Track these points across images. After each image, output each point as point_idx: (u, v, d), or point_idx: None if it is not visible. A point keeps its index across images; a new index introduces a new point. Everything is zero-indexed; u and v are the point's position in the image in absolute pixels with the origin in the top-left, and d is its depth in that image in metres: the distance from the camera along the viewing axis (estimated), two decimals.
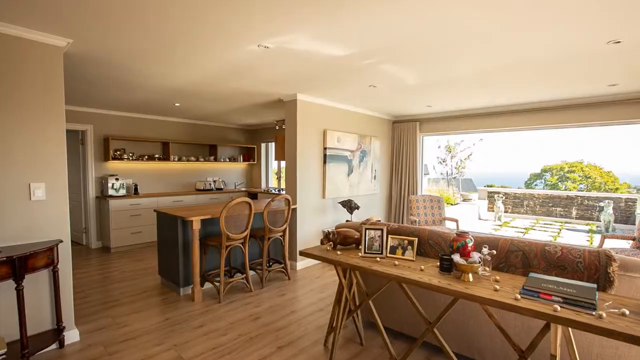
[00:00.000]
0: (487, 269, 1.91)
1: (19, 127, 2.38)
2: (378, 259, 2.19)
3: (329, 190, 4.99)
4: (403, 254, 2.24)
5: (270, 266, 4.41)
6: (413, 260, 2.19)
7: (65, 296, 2.63)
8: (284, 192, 6.60)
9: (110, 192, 5.48)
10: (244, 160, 7.75)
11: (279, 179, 7.70)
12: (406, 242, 2.25)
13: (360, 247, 2.51)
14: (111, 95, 4.48)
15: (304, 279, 4.19)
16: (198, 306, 3.36)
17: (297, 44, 2.63)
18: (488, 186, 13.92)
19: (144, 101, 4.91)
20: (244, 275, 3.73)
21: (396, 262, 2.11)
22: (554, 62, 3.01)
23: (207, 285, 3.87)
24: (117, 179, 5.55)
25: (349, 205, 4.92)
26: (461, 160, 12.07)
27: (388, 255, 2.28)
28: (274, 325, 2.98)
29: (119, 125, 5.92)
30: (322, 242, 2.48)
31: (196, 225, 3.41)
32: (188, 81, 3.74)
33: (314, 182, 4.80)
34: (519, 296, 1.55)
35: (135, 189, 5.83)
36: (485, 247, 1.91)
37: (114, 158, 5.79)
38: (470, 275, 1.81)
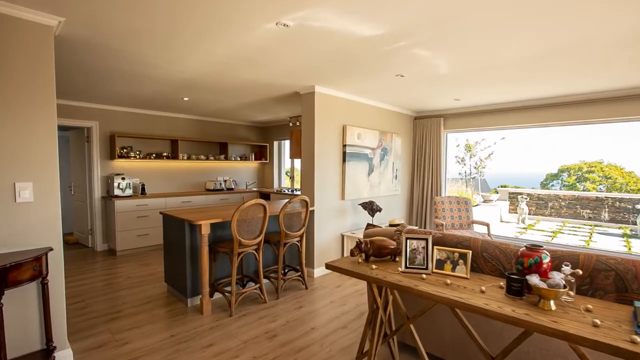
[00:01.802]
0: (571, 293, 1.50)
1: (2, 119, 2.06)
2: (424, 275, 1.80)
3: (349, 191, 4.60)
4: (453, 269, 1.85)
5: (285, 274, 4.04)
6: (467, 278, 1.79)
7: (57, 312, 2.31)
8: (298, 192, 6.24)
9: (116, 192, 5.20)
10: (255, 159, 7.41)
11: (292, 178, 7.34)
12: (456, 255, 1.85)
13: (397, 259, 2.12)
14: (115, 88, 4.17)
15: (323, 289, 3.81)
16: (207, 320, 3.01)
17: (321, 21, 2.25)
18: (502, 186, 13.33)
19: (151, 96, 4.60)
20: (258, 285, 3.37)
21: (448, 281, 1.71)
22: (614, 44, 2.56)
23: (217, 295, 3.53)
24: (123, 178, 5.26)
25: (371, 207, 4.52)
26: (481, 160, 11.53)
27: (434, 270, 1.88)
28: (292, 345, 2.61)
29: (125, 121, 5.64)
30: (352, 253, 2.09)
31: (205, 230, 3.07)
32: (196, 71, 3.40)
33: (333, 182, 4.42)
34: (637, 338, 1.14)
35: (143, 189, 5.54)
36: (566, 265, 1.50)
37: (121, 156, 5.50)
38: (551, 302, 1.41)
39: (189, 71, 3.42)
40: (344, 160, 4.53)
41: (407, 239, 1.94)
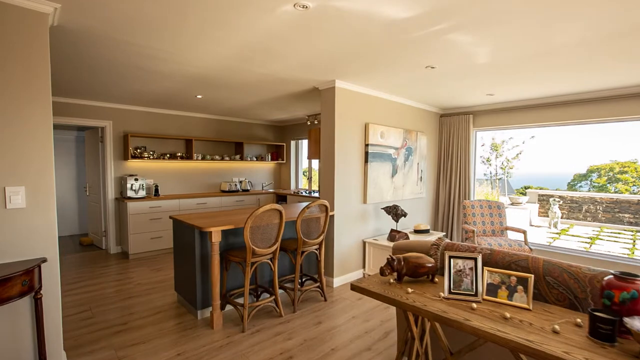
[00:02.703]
0: None
1: None
2: (474, 305, 1.46)
3: (371, 194, 4.27)
4: (510, 297, 1.50)
5: (302, 284, 3.75)
6: (529, 310, 1.44)
7: (52, 329, 2.09)
8: (316, 194, 5.95)
9: (129, 193, 5.05)
10: (272, 159, 7.16)
11: (309, 179, 7.06)
12: (514, 279, 1.51)
13: (435, 279, 1.79)
14: (125, 86, 3.99)
15: (343, 301, 3.50)
16: (217, 336, 2.75)
17: (346, 0, 1.94)
18: (525, 188, 12.61)
19: (163, 94, 4.40)
20: (273, 297, 3.09)
21: (507, 314, 1.37)
22: None
23: (229, 306, 3.28)
24: (136, 179, 5.10)
25: (395, 212, 4.17)
26: (507, 160, 10.91)
27: (485, 297, 1.54)
28: None
29: (139, 121, 5.49)
30: (382, 272, 1.77)
31: (216, 238, 2.81)
32: (208, 66, 3.15)
33: (354, 185, 4.09)
34: None
35: (156, 190, 5.38)
36: None
37: (134, 156, 5.36)
38: None
39: (201, 65, 3.18)
40: (366, 161, 4.20)
41: (450, 257, 1.61)
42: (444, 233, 4.78)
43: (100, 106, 5.11)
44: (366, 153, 4.19)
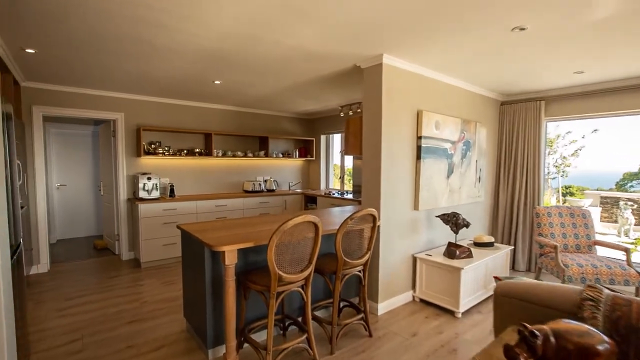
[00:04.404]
0: None
1: None
2: None
3: (424, 198, 3.45)
4: None
5: (340, 311, 3.01)
6: None
7: None
8: (349, 195, 5.18)
9: (141, 194, 4.49)
10: (300, 156, 6.45)
11: (341, 178, 6.28)
12: None
13: None
14: (132, 67, 3.38)
15: (393, 337, 2.72)
16: None
17: None
18: (566, 188, 11.16)
19: (176, 78, 3.77)
20: (305, 336, 2.35)
21: None
22: None
23: (249, 345, 2.58)
24: (149, 178, 4.54)
25: (455, 222, 3.33)
26: (562, 157, 9.65)
27: None
28: None
29: (152, 113, 4.93)
30: (510, 355, 0.98)
31: (231, 259, 2.11)
32: (223, 34, 2.45)
33: (403, 187, 3.29)
34: None
35: (171, 191, 4.80)
36: None
37: (147, 152, 4.80)
38: None
39: (215, 35, 2.49)
40: (418, 158, 3.38)
41: None
42: (512, 247, 3.87)
43: (110, 96, 4.57)
44: (418, 147, 3.37)
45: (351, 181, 5.87)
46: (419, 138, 3.37)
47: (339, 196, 5.19)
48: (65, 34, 2.51)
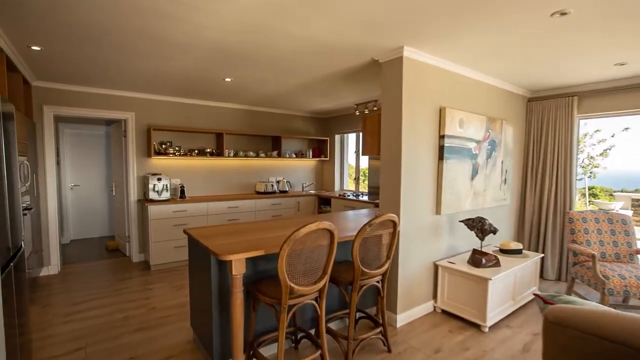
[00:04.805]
0: None
1: None
2: None
3: (447, 201, 3.21)
4: None
5: (357, 322, 2.81)
6: None
7: None
8: (364, 197, 4.97)
9: (152, 195, 4.39)
10: (313, 156, 6.27)
11: (356, 180, 6.07)
12: None
13: None
14: (139, 65, 3.26)
15: (415, 353, 2.49)
16: None
17: None
18: (590, 188, 10.55)
19: (186, 77, 3.64)
20: (319, 352, 2.16)
21: None
22: None
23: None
24: (159, 179, 4.43)
25: (480, 227, 3.08)
26: (590, 157, 9.13)
27: None
28: None
29: (163, 113, 4.83)
30: None
31: (238, 269, 1.94)
32: (232, 27, 2.29)
33: (424, 190, 3.06)
34: None
35: (182, 192, 4.69)
36: None
37: (158, 153, 4.71)
38: None
39: (223, 27, 2.33)
40: (440, 158, 3.14)
41: None
42: (542, 255, 3.58)
43: (120, 96, 4.50)
44: (441, 147, 3.14)
45: (366, 182, 5.66)
46: (442, 137, 3.13)
47: (354, 198, 4.98)
48: (71, 30, 2.40)
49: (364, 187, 6.16)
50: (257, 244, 2.11)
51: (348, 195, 5.22)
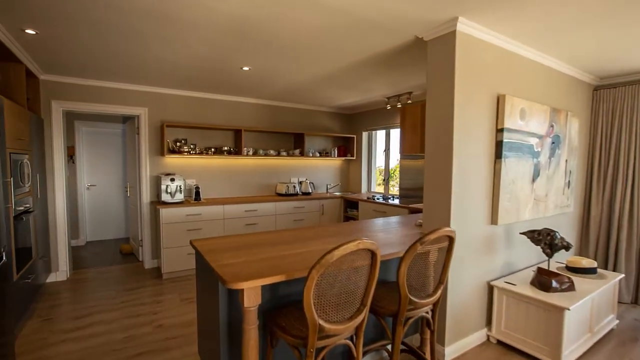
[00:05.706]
0: None
1: None
2: None
3: (504, 209, 2.64)
4: None
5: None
6: None
7: None
8: (395, 200, 4.44)
9: (164, 197, 4.04)
10: (339, 155, 5.78)
11: (385, 181, 5.53)
12: None
13: None
14: (145, 52, 2.89)
15: None
16: None
17: None
18: None
19: (200, 66, 3.25)
20: None
21: None
22: None
23: None
24: (172, 180, 4.08)
25: (550, 241, 2.50)
26: None
27: None
28: None
29: (177, 108, 4.49)
30: None
31: (252, 300, 1.49)
32: None
33: (478, 195, 2.51)
34: None
35: (197, 193, 4.32)
36: None
37: (172, 151, 4.36)
38: None
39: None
40: (498, 157, 2.59)
41: None
42: (622, 275, 2.94)
43: (133, 90, 4.18)
44: (498, 143, 2.58)
45: (397, 184, 5.12)
46: (499, 131, 2.57)
47: (383, 201, 4.46)
48: (66, 7, 2.03)
49: (393, 189, 5.62)
50: (277, 265, 1.65)
51: (377, 198, 4.71)
